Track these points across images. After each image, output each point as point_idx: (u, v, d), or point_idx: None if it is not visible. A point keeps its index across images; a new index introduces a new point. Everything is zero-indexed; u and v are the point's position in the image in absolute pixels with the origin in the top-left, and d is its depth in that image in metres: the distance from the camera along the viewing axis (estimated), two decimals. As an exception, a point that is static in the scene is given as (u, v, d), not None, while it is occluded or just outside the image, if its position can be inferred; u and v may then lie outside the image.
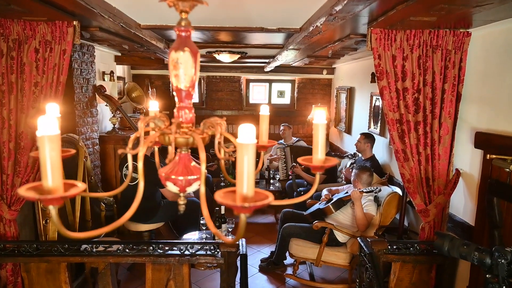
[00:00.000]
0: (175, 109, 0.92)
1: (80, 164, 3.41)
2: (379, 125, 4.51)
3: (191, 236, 3.61)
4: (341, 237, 3.54)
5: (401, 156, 2.64)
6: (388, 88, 2.57)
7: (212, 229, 0.75)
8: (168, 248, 2.56)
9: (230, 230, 3.58)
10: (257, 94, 7.40)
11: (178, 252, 2.54)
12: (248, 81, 7.31)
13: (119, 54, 5.19)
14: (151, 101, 1.21)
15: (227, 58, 4.51)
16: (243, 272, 2.44)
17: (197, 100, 7.24)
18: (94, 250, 2.55)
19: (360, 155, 4.54)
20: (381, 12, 2.13)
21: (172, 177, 0.89)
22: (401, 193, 3.43)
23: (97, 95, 4.32)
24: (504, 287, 1.67)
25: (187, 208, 0.96)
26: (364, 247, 2.54)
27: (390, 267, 2.73)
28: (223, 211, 3.51)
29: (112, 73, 4.95)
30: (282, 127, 6.06)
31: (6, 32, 2.45)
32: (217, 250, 2.53)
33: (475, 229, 2.54)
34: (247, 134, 0.66)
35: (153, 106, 1.19)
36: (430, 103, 2.57)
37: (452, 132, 2.60)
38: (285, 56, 4.31)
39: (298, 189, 4.89)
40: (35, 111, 2.50)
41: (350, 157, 5.00)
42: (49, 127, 0.63)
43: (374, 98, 4.63)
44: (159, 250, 2.54)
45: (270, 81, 7.28)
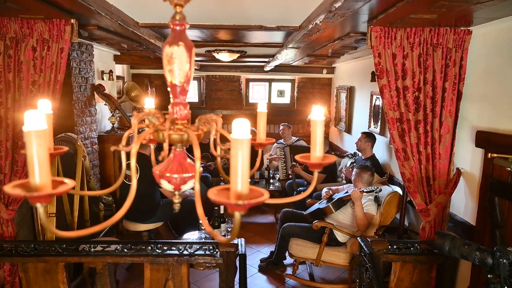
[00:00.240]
0: (170, 105, 0.90)
1: (78, 163, 3.40)
2: (379, 124, 4.49)
3: (190, 236, 3.59)
4: (341, 237, 3.52)
5: (401, 155, 2.62)
6: (388, 87, 2.55)
7: (206, 228, 0.73)
8: (166, 248, 2.54)
9: (229, 230, 3.55)
10: (257, 94, 7.38)
11: (176, 252, 2.52)
12: (248, 81, 7.29)
13: (118, 53, 5.18)
14: (146, 98, 1.19)
15: (226, 57, 4.49)
16: (242, 272, 2.42)
17: (196, 99, 7.23)
18: (92, 250, 2.53)
19: (360, 154, 4.52)
20: (381, 9, 2.11)
21: (167, 175, 0.87)
22: (401, 193, 3.41)
23: (96, 94, 4.30)
24: (506, 287, 1.65)
25: (186, 208, 0.94)
26: (364, 247, 2.52)
27: (390, 267, 2.71)
28: (222, 211, 3.49)
29: (111, 72, 4.94)
30: (282, 127, 6.03)
31: (3, 31, 2.43)
32: (216, 250, 2.51)
33: (476, 229, 2.52)
34: (241, 129, 0.64)
35: (149, 103, 1.17)
36: (430, 101, 2.55)
37: (452, 131, 2.58)
38: (285, 55, 4.29)
39: (298, 189, 4.87)
40: (32, 110, 2.48)
41: (350, 156, 4.99)
42: (36, 122, 0.60)
43: (374, 97, 4.61)
44: (158, 250, 2.52)
45: (270, 81, 7.25)
